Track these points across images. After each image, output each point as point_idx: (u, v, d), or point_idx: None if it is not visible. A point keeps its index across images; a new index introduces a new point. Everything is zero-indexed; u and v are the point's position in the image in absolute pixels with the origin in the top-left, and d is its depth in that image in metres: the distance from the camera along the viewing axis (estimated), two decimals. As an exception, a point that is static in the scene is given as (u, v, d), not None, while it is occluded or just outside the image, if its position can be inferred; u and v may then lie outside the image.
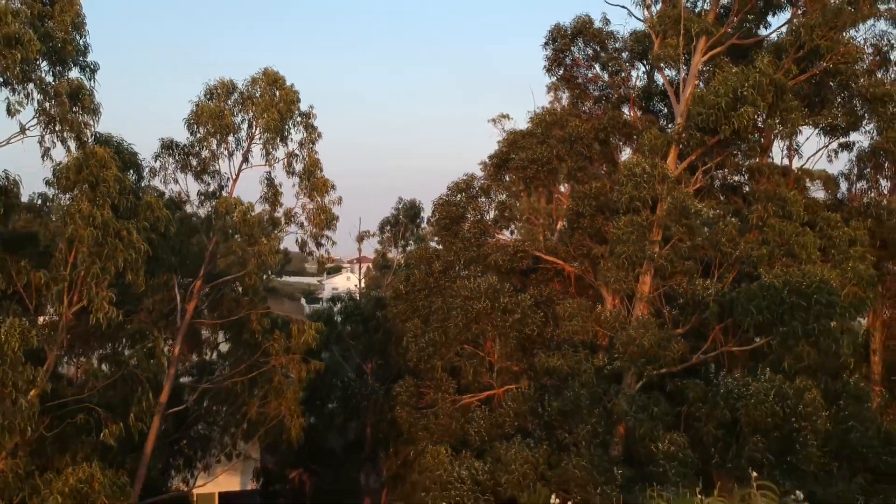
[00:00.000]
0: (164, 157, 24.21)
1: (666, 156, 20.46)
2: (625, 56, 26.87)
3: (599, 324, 20.26)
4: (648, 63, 24.94)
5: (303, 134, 25.20)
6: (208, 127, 23.71)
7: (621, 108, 27.34)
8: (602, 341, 22.20)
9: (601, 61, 26.79)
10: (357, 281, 65.17)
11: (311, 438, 35.21)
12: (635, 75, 26.76)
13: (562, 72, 27.21)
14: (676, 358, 18.78)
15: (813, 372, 18.34)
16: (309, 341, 25.46)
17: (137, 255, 17.71)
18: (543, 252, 24.70)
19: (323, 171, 25.20)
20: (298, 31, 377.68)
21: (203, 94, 24.32)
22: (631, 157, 20.92)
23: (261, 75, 24.85)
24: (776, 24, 23.28)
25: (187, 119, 23.77)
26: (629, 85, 26.40)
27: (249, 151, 24.99)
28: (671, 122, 23.14)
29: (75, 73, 19.28)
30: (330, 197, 25.23)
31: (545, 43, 26.37)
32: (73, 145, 18.91)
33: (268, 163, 25.04)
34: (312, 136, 25.20)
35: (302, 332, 26.01)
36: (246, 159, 25.01)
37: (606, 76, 26.94)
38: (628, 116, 26.67)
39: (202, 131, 23.88)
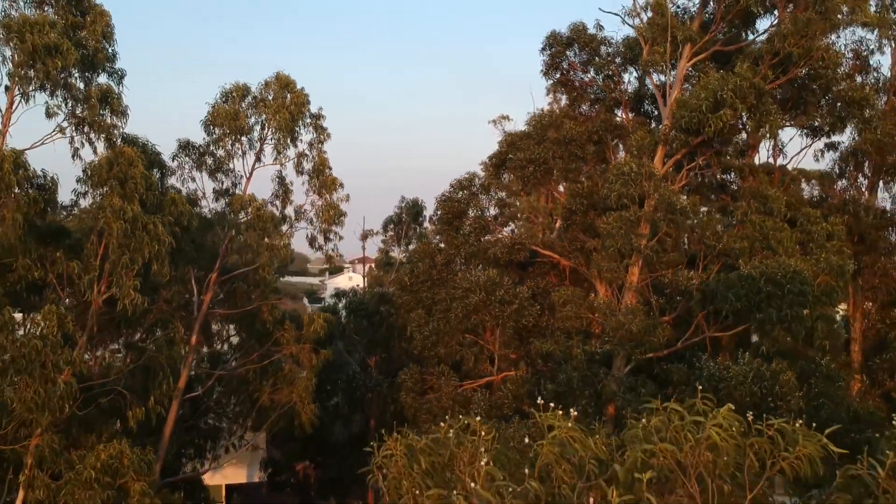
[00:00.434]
0: (181, 156, 25.68)
1: (653, 155, 21.94)
2: (618, 61, 28.26)
3: (591, 311, 21.74)
4: (639, 68, 26.36)
5: (312, 134, 26.63)
6: (224, 128, 25.14)
7: (615, 110, 28.78)
8: (595, 329, 23.67)
9: (595, 66, 28.18)
10: (359, 280, 66.50)
11: (317, 431, 36.56)
12: (627, 79, 28.23)
13: (558, 76, 28.61)
14: (662, 343, 20.24)
15: (790, 355, 19.77)
16: (318, 330, 26.92)
17: (162, 246, 19.16)
18: (540, 247, 26.16)
19: (331, 170, 26.70)
20: (299, 31, 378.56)
21: (219, 96, 25.78)
22: (620, 157, 22.38)
23: (273, 79, 26.25)
24: (759, 31, 24.51)
25: (204, 120, 25.19)
26: (621, 88, 27.82)
27: (262, 151, 26.42)
28: (660, 124, 24.55)
29: (104, 79, 20.82)
30: (338, 194, 26.72)
31: (542, 49, 27.81)
32: (101, 146, 20.42)
33: (279, 162, 26.53)
34: (321, 137, 26.66)
35: (311, 321, 27.53)
36: (258, 159, 26.45)
37: (601, 80, 28.36)
38: (621, 119, 28.13)
39: (218, 132, 25.31)
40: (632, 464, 6.15)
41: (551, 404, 6.95)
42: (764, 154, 28.97)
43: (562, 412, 6.87)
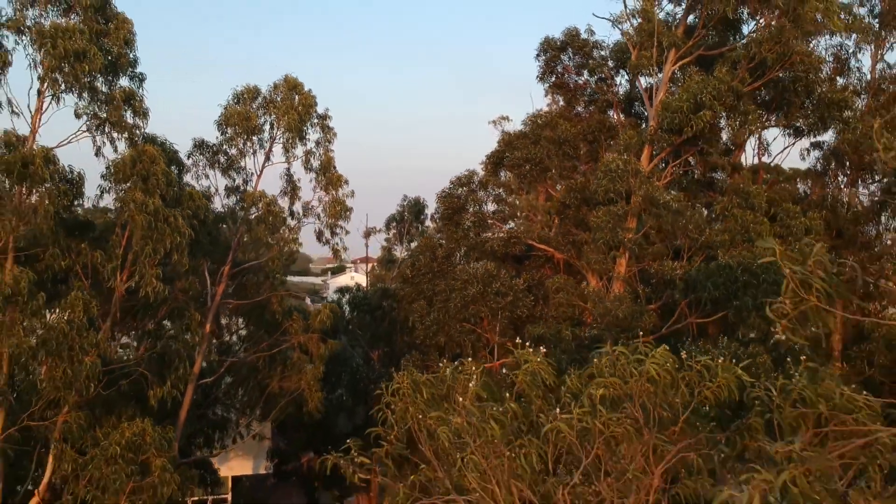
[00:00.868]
0: (196, 154, 27.12)
1: (640, 154, 23.36)
2: (610, 64, 29.73)
3: (582, 299, 23.13)
4: (629, 71, 27.79)
5: (319, 134, 28.05)
6: (236, 128, 26.60)
7: (607, 111, 30.25)
8: (587, 318, 25.05)
9: (588, 69, 29.65)
10: (361, 280, 67.88)
11: (321, 422, 37.88)
12: (619, 81, 29.69)
13: (553, 79, 30.09)
14: (648, 329, 21.61)
15: (766, 340, 21.14)
16: (324, 320, 28.33)
17: (182, 238, 20.60)
18: (535, 241, 27.57)
19: (337, 168, 28.15)
20: (300, 32, 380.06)
21: (230, 98, 27.24)
22: (608, 155, 23.77)
23: (281, 81, 27.72)
24: (741, 36, 25.89)
25: (217, 121, 26.62)
26: (614, 91, 29.27)
27: (271, 150, 27.86)
28: (648, 124, 25.95)
29: (125, 82, 22.26)
30: (343, 190, 28.18)
31: (537, 55, 29.27)
32: (122, 145, 21.87)
33: (288, 160, 28.01)
34: (328, 136, 28.06)
35: (318, 313, 28.97)
36: (268, 157, 27.85)
37: (594, 83, 29.81)
38: (614, 119, 29.58)
39: (230, 132, 26.75)
40: (588, 388, 7.58)
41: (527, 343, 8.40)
42: (751, 153, 30.43)
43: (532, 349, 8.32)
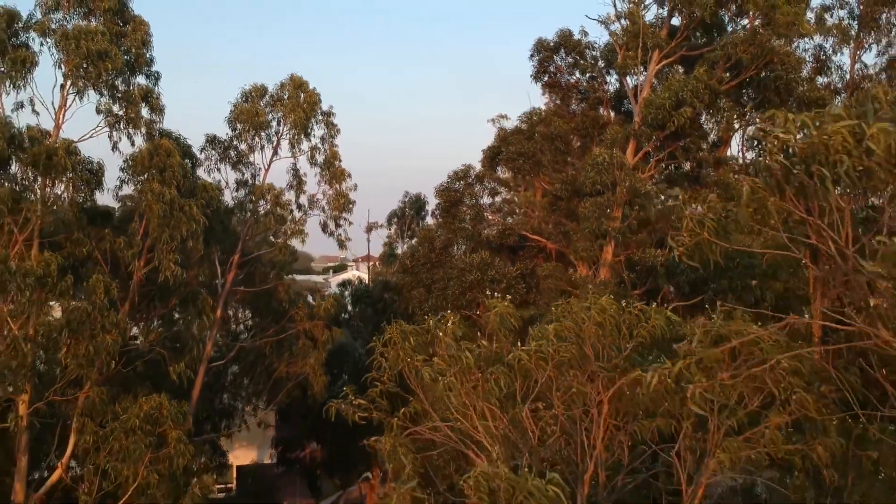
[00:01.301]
0: (207, 149, 28.65)
1: (625, 148, 24.83)
2: (601, 64, 31.20)
3: (570, 285, 24.59)
4: (617, 70, 29.26)
5: (324, 130, 29.59)
6: (245, 124, 28.13)
7: (598, 108, 31.72)
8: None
9: (580, 68, 31.13)
10: (362, 277, 69.31)
11: (324, 411, 39.23)
12: (609, 80, 31.15)
13: (546, 78, 31.56)
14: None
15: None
16: (329, 308, 29.91)
17: (197, 225, 22.13)
18: (529, 232, 29.06)
19: (341, 162, 29.69)
20: (302, 32, 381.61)
21: (239, 96, 28.75)
22: (595, 149, 25.22)
23: (288, 80, 29.24)
24: (722, 36, 27.32)
25: (227, 118, 28.18)
26: (604, 89, 30.76)
27: (279, 145, 29.39)
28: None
29: (142, 80, 23.76)
30: (347, 184, 29.75)
31: (531, 55, 30.78)
32: (138, 140, 23.37)
33: (294, 155, 29.53)
34: (332, 132, 29.61)
35: (323, 301, 30.56)
36: (275, 152, 29.34)
37: (585, 81, 31.28)
38: (604, 115, 31.06)
39: (240, 128, 28.29)
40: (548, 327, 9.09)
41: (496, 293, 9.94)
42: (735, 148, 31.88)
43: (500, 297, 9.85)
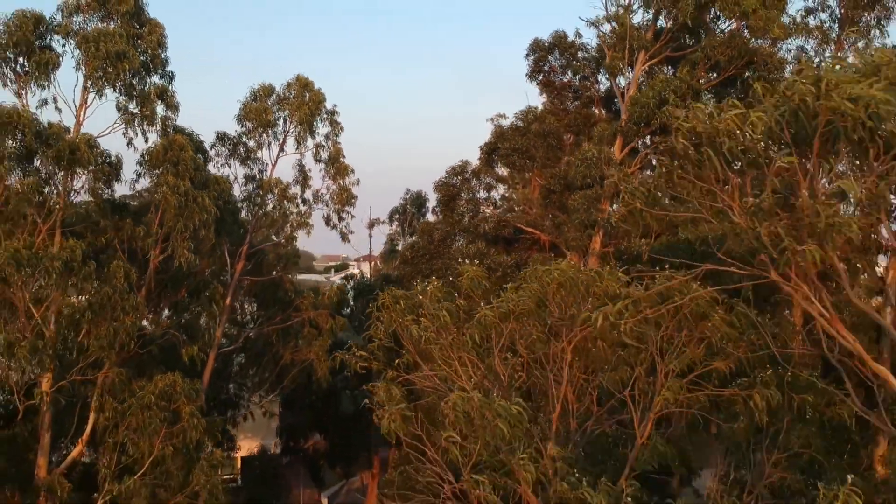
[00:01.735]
0: (217, 146, 30.12)
1: (613, 144, 26.29)
2: (593, 65, 32.69)
3: (560, 273, 26.04)
4: (605, 71, 30.73)
5: (328, 128, 31.04)
6: (254, 122, 29.60)
7: (591, 107, 33.22)
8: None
9: (572, 69, 32.62)
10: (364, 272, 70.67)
11: (327, 402, 40.69)
12: (600, 80, 32.66)
13: (541, 77, 33.06)
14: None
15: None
16: (332, 296, 31.42)
17: (209, 215, 23.59)
18: (523, 224, 30.53)
19: (345, 158, 31.16)
20: (304, 33, 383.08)
21: (248, 95, 30.21)
22: (585, 145, 26.66)
23: (294, 80, 30.71)
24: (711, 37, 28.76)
25: (237, 115, 29.66)
26: (595, 88, 32.26)
27: (285, 142, 30.84)
28: (622, 118, 28.87)
29: (157, 79, 25.23)
30: (350, 179, 31.23)
31: (526, 55, 32.28)
32: (153, 136, 24.85)
33: (299, 152, 31.00)
34: (336, 130, 31.02)
35: (326, 290, 32.07)
36: (282, 148, 30.72)
37: (578, 81, 32.78)
38: (595, 114, 32.54)
39: (249, 125, 29.76)
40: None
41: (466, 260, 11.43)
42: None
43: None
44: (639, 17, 29.05)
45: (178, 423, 23.13)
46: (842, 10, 32.44)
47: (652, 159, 27.31)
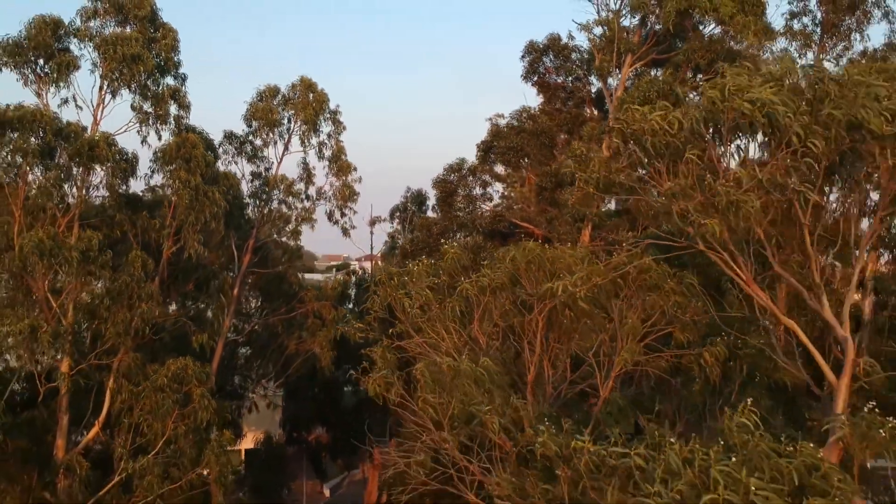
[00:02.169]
0: (225, 144, 31.58)
1: (601, 142, 27.65)
2: (585, 66, 34.10)
3: (551, 264, 27.48)
4: (595, 72, 32.15)
5: (331, 127, 32.52)
6: (260, 121, 31.07)
7: (582, 107, 34.63)
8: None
9: (566, 70, 34.03)
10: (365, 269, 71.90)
11: (329, 394, 41.95)
12: (592, 81, 34.05)
13: (535, 78, 34.48)
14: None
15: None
16: (336, 288, 32.90)
17: (218, 209, 25.02)
18: (518, 219, 31.94)
19: (347, 156, 32.61)
20: (304, 33, 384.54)
21: (255, 95, 31.68)
22: (575, 143, 28.04)
23: (298, 81, 32.17)
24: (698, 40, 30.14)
25: (244, 115, 31.15)
26: (587, 89, 33.68)
27: (290, 141, 32.30)
28: (613, 118, 30.24)
29: (170, 80, 26.67)
30: (352, 176, 32.69)
31: (522, 56, 33.73)
32: (165, 135, 26.29)
33: (303, 150, 32.47)
34: (339, 129, 32.51)
35: (328, 282, 33.57)
36: (287, 147, 32.20)
37: (570, 82, 34.19)
38: (587, 113, 33.96)
39: (255, 124, 31.23)
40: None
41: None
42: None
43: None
44: (627, 22, 30.51)
45: (189, 405, 24.53)
46: (823, 15, 33.88)
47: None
